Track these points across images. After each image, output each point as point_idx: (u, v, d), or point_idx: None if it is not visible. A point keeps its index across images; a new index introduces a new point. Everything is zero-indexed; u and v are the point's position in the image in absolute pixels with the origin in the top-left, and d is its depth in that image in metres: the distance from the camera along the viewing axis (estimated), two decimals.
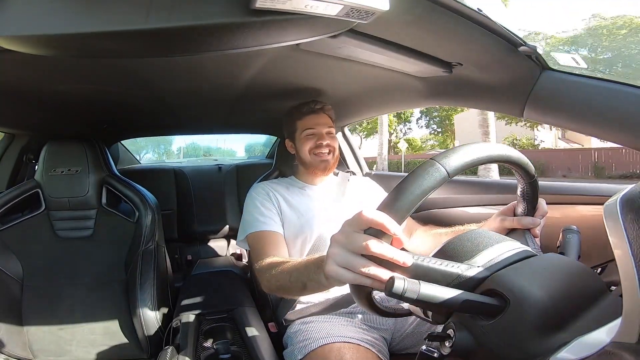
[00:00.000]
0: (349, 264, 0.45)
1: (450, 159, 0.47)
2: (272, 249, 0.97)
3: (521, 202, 0.65)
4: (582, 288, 0.45)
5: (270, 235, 1.02)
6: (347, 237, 0.46)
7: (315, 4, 0.49)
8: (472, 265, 0.48)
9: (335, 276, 0.47)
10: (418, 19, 0.66)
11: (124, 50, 0.59)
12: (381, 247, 0.44)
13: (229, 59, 0.90)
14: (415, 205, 0.45)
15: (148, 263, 1.21)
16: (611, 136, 0.67)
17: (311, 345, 0.88)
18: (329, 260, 0.48)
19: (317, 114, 1.14)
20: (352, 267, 0.45)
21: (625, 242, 0.34)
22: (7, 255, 1.17)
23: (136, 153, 2.90)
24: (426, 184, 0.45)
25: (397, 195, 0.46)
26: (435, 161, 0.47)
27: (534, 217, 0.66)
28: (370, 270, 0.44)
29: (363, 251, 0.44)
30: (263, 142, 3.20)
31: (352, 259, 0.45)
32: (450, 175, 0.46)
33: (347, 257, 0.46)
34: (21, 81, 0.95)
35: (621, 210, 0.35)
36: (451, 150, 0.49)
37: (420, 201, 0.45)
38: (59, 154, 1.24)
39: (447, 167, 0.46)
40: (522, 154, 0.56)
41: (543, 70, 0.74)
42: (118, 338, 1.17)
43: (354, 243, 0.45)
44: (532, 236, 0.64)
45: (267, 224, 1.03)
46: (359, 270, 0.45)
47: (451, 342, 0.44)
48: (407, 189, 0.45)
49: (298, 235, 1.06)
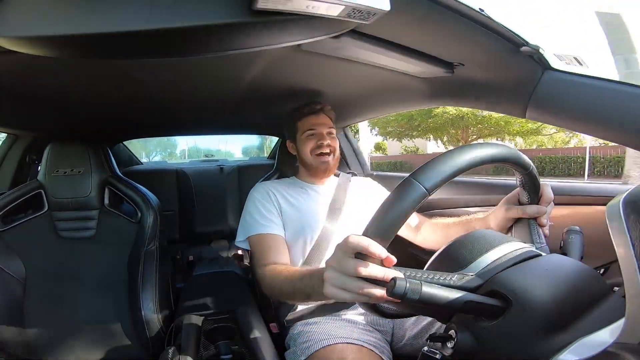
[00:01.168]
0: (346, 286, 0.48)
1: (427, 175, 0.47)
2: (273, 254, 0.98)
3: (523, 191, 0.64)
4: (585, 289, 0.45)
5: (271, 239, 1.02)
6: (339, 262, 0.49)
7: (317, 5, 0.49)
8: (465, 274, 0.48)
9: (334, 297, 0.50)
10: (419, 19, 0.66)
11: (125, 51, 0.59)
12: (370, 270, 0.46)
13: (230, 60, 0.90)
14: (399, 226, 0.46)
15: (150, 264, 1.22)
16: (614, 136, 0.67)
17: (314, 347, 0.88)
18: (326, 284, 0.51)
19: (317, 115, 1.14)
20: (349, 289, 0.48)
21: (628, 243, 0.34)
22: (9, 256, 1.18)
23: (146, 156, 2.95)
24: (405, 205, 0.46)
25: (379, 218, 0.47)
26: (413, 179, 0.47)
27: (540, 205, 0.64)
28: (364, 291, 0.47)
29: (355, 274, 0.47)
30: (257, 145, 3.34)
31: (347, 282, 0.48)
32: (430, 192, 0.46)
33: (343, 280, 0.48)
34: (23, 82, 0.95)
35: (624, 211, 0.35)
36: (429, 165, 0.48)
37: (404, 221, 0.46)
38: (62, 155, 1.25)
39: (426, 184, 0.46)
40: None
41: (545, 70, 0.74)
42: (120, 338, 1.17)
43: (346, 267, 0.48)
44: (537, 226, 0.63)
45: (268, 226, 1.03)
46: (355, 291, 0.47)
47: (453, 343, 0.44)
48: (388, 211, 0.46)
49: (300, 235, 1.06)
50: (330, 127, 1.15)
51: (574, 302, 0.43)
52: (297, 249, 1.06)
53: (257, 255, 1.01)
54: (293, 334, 0.99)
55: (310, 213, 1.09)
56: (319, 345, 0.87)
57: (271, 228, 1.03)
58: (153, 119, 1.66)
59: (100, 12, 0.49)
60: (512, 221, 0.68)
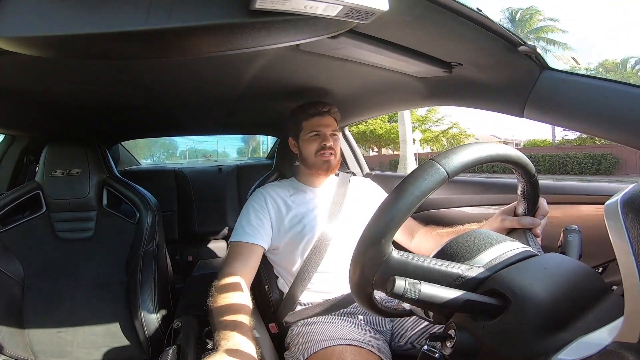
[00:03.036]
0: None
1: (450, 160, 0.47)
2: (239, 263, 0.98)
3: (522, 201, 0.65)
4: (584, 288, 0.45)
5: (246, 248, 1.02)
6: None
7: (315, 5, 0.49)
8: (472, 265, 0.48)
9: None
10: (417, 19, 0.66)
11: (123, 52, 0.59)
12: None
13: (228, 60, 0.90)
14: (415, 206, 0.45)
15: (149, 264, 1.21)
16: (611, 135, 0.67)
17: (312, 348, 0.87)
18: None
19: (323, 117, 1.14)
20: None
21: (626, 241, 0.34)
22: (7, 257, 1.17)
23: (150, 156, 3.00)
24: (425, 185, 0.45)
25: (397, 197, 0.46)
26: (434, 162, 0.47)
27: (534, 217, 0.66)
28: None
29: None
30: (251, 148, 3.62)
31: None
32: (450, 176, 0.46)
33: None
34: (21, 83, 0.95)
35: (622, 210, 0.35)
36: (451, 151, 0.49)
37: (420, 202, 0.45)
38: (60, 156, 1.24)
39: (447, 168, 0.46)
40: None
41: (543, 70, 0.74)
42: (119, 339, 1.17)
43: None
44: (532, 236, 0.64)
45: (252, 235, 1.03)
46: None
47: (452, 342, 0.44)
48: (406, 190, 0.46)
49: (299, 237, 1.05)
50: (334, 129, 1.14)
51: (573, 301, 0.43)
52: (296, 252, 1.05)
53: (227, 258, 1.02)
54: (292, 335, 0.99)
55: (309, 216, 1.09)
56: (317, 347, 0.87)
57: (254, 237, 1.03)
58: (151, 119, 1.66)
59: (98, 13, 0.49)
60: (507, 231, 0.69)
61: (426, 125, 21.21)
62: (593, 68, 21.29)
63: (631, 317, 0.34)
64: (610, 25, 27.92)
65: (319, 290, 1.04)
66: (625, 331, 0.34)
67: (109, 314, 1.19)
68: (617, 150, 13.24)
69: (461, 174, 0.49)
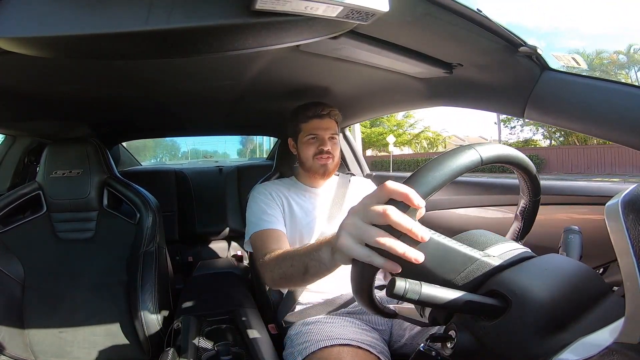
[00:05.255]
0: (364, 234, 0.42)
1: (487, 148, 0.48)
2: (274, 244, 0.95)
3: (518, 220, 0.62)
4: (584, 289, 0.45)
5: (272, 232, 1.00)
6: (364, 207, 0.43)
7: (315, 6, 0.49)
8: (489, 254, 0.48)
9: (346, 249, 0.44)
10: (418, 20, 0.66)
11: (124, 52, 0.59)
12: (401, 217, 0.40)
13: (229, 61, 0.90)
14: (444, 183, 0.44)
15: (149, 265, 1.21)
16: (611, 136, 0.67)
17: (310, 348, 0.87)
18: (341, 232, 0.45)
19: (322, 119, 1.11)
20: (367, 237, 0.42)
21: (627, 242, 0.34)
22: (8, 257, 1.17)
23: (154, 157, 3.06)
24: (459, 162, 0.45)
25: (429, 169, 0.44)
26: (472, 146, 0.47)
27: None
28: (386, 242, 0.40)
29: (381, 219, 0.41)
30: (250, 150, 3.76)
31: (367, 229, 0.42)
32: (483, 162, 0.46)
33: (362, 227, 0.42)
34: (22, 83, 0.95)
35: (623, 211, 0.35)
36: (488, 142, 0.51)
37: (449, 180, 0.44)
38: (61, 156, 1.25)
39: (482, 154, 0.46)
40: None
41: (543, 70, 0.74)
42: (119, 339, 1.17)
43: (371, 212, 0.41)
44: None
45: (269, 222, 1.02)
46: (374, 240, 0.41)
47: (453, 343, 0.44)
48: (439, 164, 0.44)
49: (298, 237, 1.05)
50: (333, 132, 1.12)
51: (574, 301, 0.43)
52: None
53: (257, 250, 0.97)
54: (291, 334, 0.99)
55: (309, 215, 1.08)
56: (315, 347, 0.87)
57: (272, 223, 1.02)
58: (152, 120, 1.66)
59: (99, 13, 0.49)
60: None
61: (404, 129, 22.59)
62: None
63: (632, 317, 0.34)
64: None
65: (318, 290, 1.04)
66: (626, 332, 0.34)
67: (109, 314, 1.19)
68: (542, 153, 16.63)
69: (461, 175, 0.49)
